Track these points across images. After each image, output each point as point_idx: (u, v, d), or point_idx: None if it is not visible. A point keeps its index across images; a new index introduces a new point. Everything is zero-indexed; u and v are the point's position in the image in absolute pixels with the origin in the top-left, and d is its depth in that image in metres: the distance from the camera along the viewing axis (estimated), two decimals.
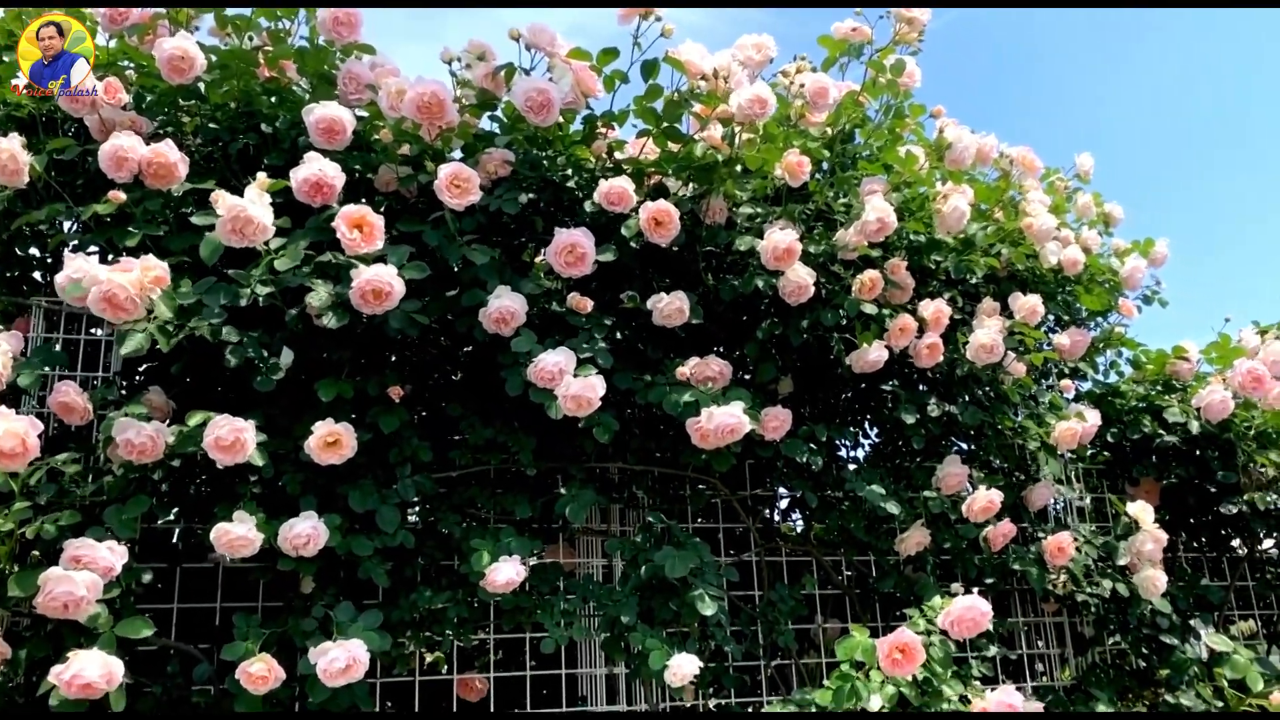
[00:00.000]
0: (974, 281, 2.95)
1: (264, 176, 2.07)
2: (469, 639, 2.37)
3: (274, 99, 2.42)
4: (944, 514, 2.82)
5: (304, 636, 2.03)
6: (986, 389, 3.00)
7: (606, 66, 2.42)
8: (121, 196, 2.09)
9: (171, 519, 2.37)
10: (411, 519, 2.40)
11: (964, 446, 3.12)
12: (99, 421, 2.18)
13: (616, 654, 2.34)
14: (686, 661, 2.17)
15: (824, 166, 2.75)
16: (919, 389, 2.88)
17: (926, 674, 2.33)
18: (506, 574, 2.11)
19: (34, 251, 2.51)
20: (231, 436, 1.94)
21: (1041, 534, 3.01)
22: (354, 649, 1.96)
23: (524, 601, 2.32)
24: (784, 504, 3.29)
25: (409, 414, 2.30)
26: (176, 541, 2.43)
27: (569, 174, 2.51)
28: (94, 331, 2.47)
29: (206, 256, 2.03)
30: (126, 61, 2.40)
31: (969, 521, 2.78)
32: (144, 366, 2.48)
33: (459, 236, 2.25)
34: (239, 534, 1.95)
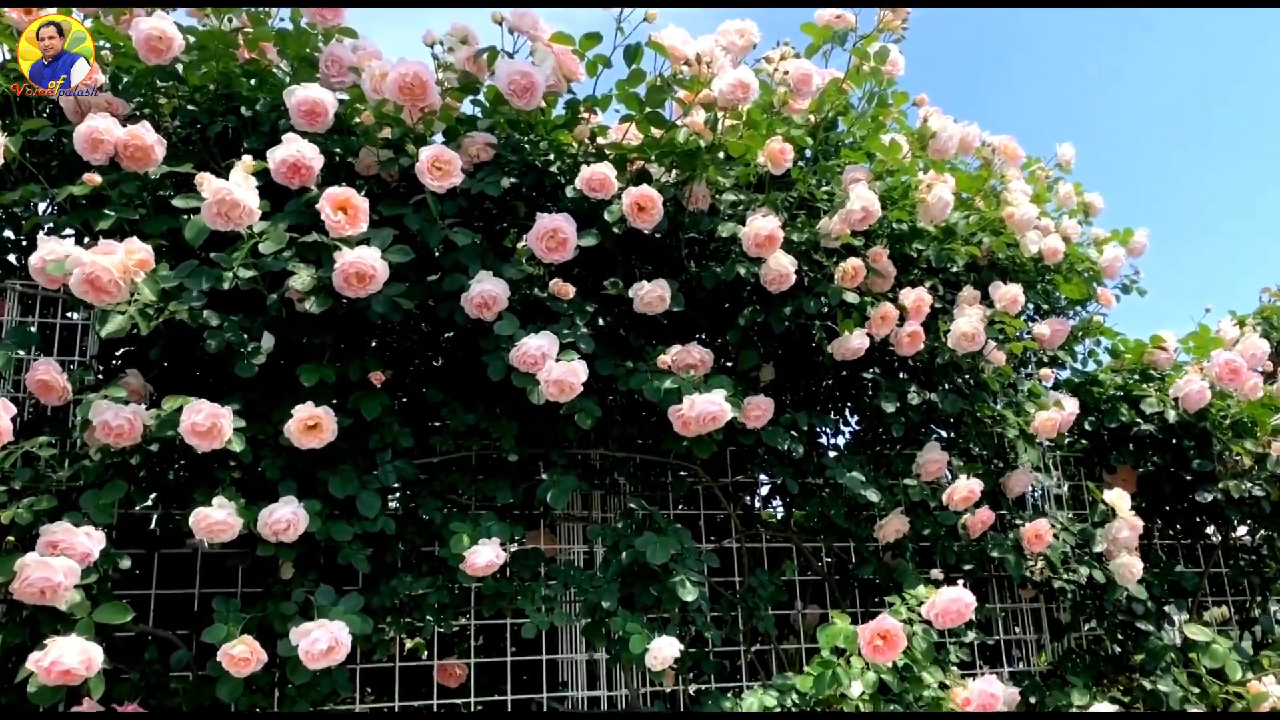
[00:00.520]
0: (955, 270, 2.97)
1: (249, 159, 2.05)
2: (449, 625, 2.37)
3: (254, 81, 2.40)
4: (923, 501, 2.83)
5: (284, 621, 2.02)
6: (966, 377, 3.02)
7: (589, 51, 2.41)
8: (97, 179, 2.06)
9: (150, 504, 2.35)
10: (392, 505, 2.40)
11: (944, 434, 3.14)
12: (75, 406, 2.16)
13: (597, 639, 2.35)
14: (667, 645, 2.18)
15: (807, 154, 2.75)
16: (899, 377, 2.89)
17: (907, 660, 2.35)
18: (486, 557, 2.11)
19: (8, 234, 2.47)
20: (209, 422, 1.93)
21: (1019, 521, 3.03)
22: (336, 631, 1.95)
23: (505, 587, 2.32)
24: (765, 491, 3.30)
25: (390, 399, 2.29)
26: (154, 527, 2.41)
27: (551, 158, 2.50)
28: (70, 316, 2.44)
29: (192, 239, 2.01)
30: (103, 41, 2.37)
31: (948, 509, 2.80)
32: (121, 350, 2.46)
33: (440, 220, 2.24)
34: (218, 519, 1.94)
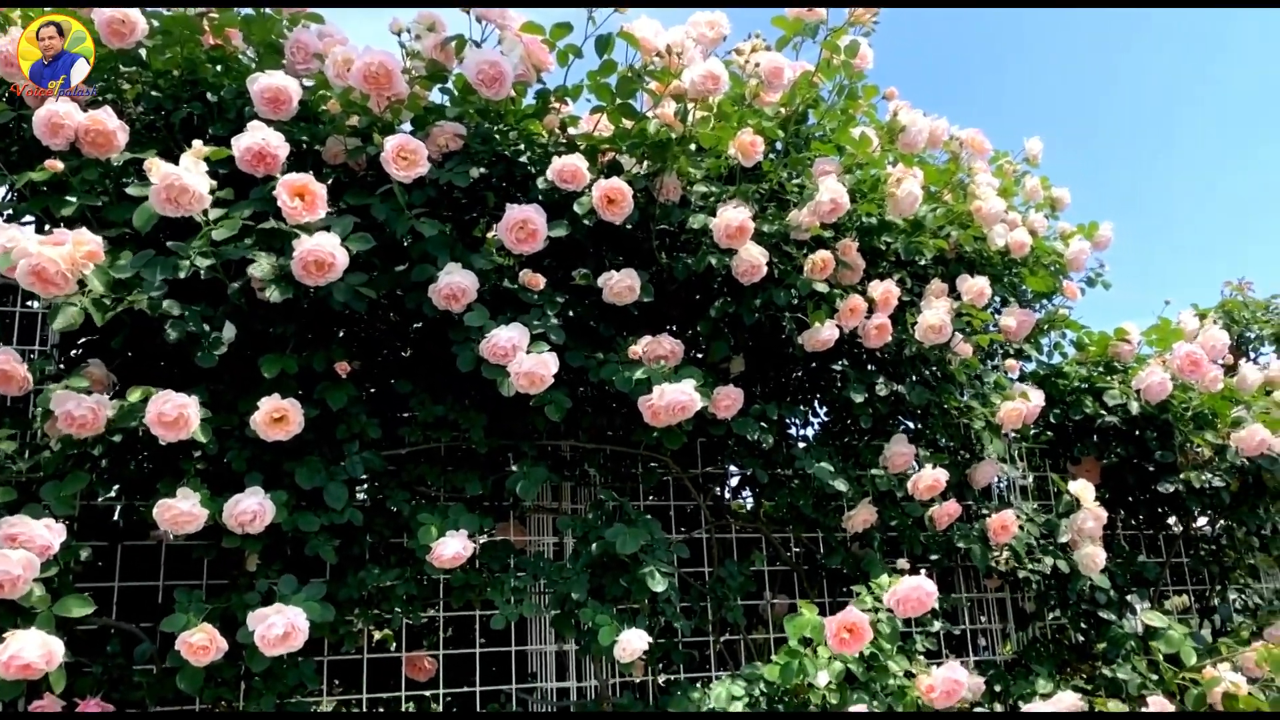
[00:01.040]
0: (923, 263, 2.99)
1: (200, 144, 2.02)
2: (418, 616, 2.36)
3: (219, 67, 2.37)
4: (891, 492, 2.86)
5: (247, 610, 2.00)
6: (933, 369, 3.04)
7: (560, 41, 2.40)
8: (58, 165, 2.03)
9: (113, 496, 2.33)
10: (360, 496, 2.38)
11: (911, 425, 3.16)
12: (35, 396, 2.13)
13: (567, 630, 2.35)
14: (635, 637, 2.18)
15: (778, 146, 2.75)
16: (868, 369, 2.91)
17: (873, 650, 2.37)
18: (453, 548, 2.10)
19: None
20: (175, 412, 1.90)
21: (985, 512, 3.06)
22: (293, 616, 1.94)
23: (474, 579, 2.32)
24: (735, 482, 3.32)
25: (357, 390, 2.27)
26: (117, 519, 2.38)
27: (521, 148, 2.49)
28: (30, 304, 2.41)
29: (140, 226, 1.98)
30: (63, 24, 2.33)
31: (915, 499, 2.82)
32: (83, 340, 2.42)
33: (408, 210, 2.22)
34: (183, 510, 1.92)
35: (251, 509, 1.99)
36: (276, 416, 2.04)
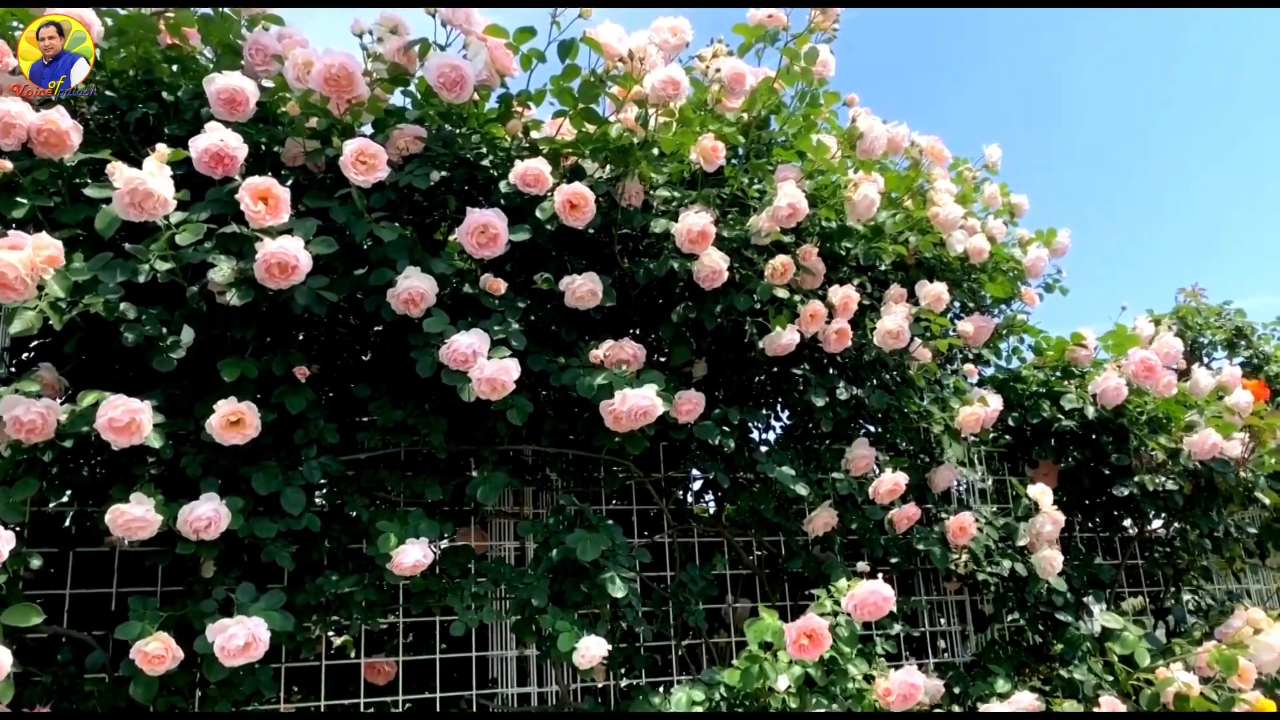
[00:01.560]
0: (883, 268, 3.01)
1: (164, 147, 2.00)
2: (376, 623, 2.34)
3: (175, 67, 2.34)
4: (851, 495, 2.87)
5: (203, 619, 1.97)
6: (893, 373, 3.07)
7: (523, 45, 2.40)
8: (8, 165, 1.99)
9: (64, 502, 2.29)
10: (318, 502, 2.35)
11: (871, 429, 3.18)
12: None
13: (527, 636, 2.34)
14: (595, 643, 2.18)
15: (740, 152, 2.77)
16: (829, 373, 2.93)
17: (833, 653, 2.38)
18: (414, 556, 2.09)
19: None
20: (126, 417, 1.87)
21: (945, 515, 3.09)
22: (254, 626, 1.92)
23: (434, 585, 2.31)
24: (697, 486, 3.32)
25: (316, 394, 2.25)
26: (69, 525, 2.34)
27: (484, 152, 2.48)
28: None
29: (102, 230, 1.95)
30: (16, 23, 2.29)
31: (875, 503, 2.84)
32: (35, 343, 2.38)
33: (367, 213, 2.21)
34: (136, 515, 1.89)
35: (207, 515, 1.96)
36: (233, 420, 2.01)
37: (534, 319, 2.43)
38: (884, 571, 2.98)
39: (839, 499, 2.87)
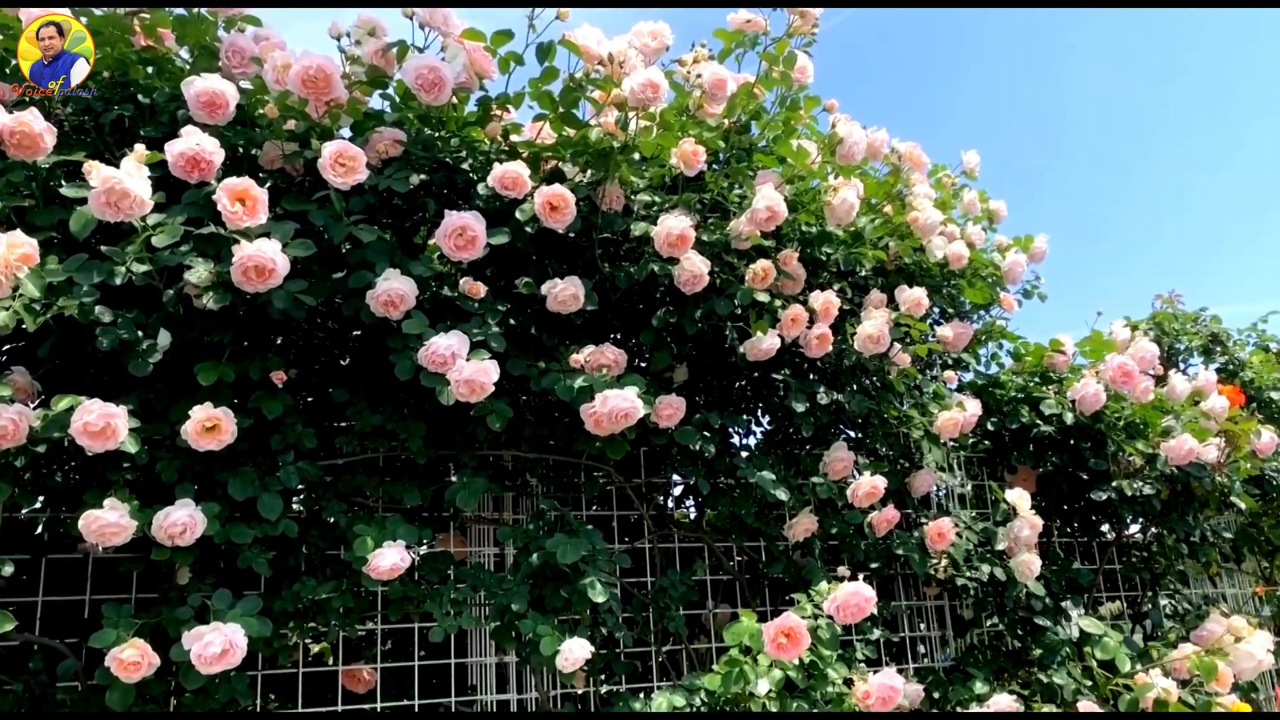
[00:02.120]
0: (863, 274, 3.02)
1: (141, 148, 1.98)
2: (354, 629, 2.32)
3: (151, 69, 2.32)
4: (831, 500, 2.88)
5: (179, 625, 1.95)
6: (873, 379, 3.07)
7: (501, 48, 2.40)
8: None
9: (37, 508, 2.26)
10: (295, 508, 2.33)
11: (851, 434, 3.19)
12: None
13: (507, 642, 2.32)
14: (577, 646, 2.17)
15: (720, 157, 2.77)
16: (809, 378, 2.93)
17: (813, 657, 2.38)
18: (390, 560, 2.07)
19: None
20: (102, 422, 1.85)
21: (924, 520, 3.10)
22: (231, 634, 1.89)
23: (412, 590, 2.28)
24: (678, 491, 3.31)
25: (293, 399, 2.23)
26: (42, 531, 2.31)
27: (463, 155, 2.47)
28: None
29: (77, 231, 1.93)
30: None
31: (855, 508, 2.84)
32: (7, 346, 2.35)
33: (346, 216, 2.19)
34: (109, 521, 1.87)
35: (182, 521, 1.94)
36: (209, 426, 1.99)
37: (514, 323, 2.42)
38: (864, 576, 2.98)
39: (819, 504, 2.87)
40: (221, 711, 2.11)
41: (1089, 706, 2.79)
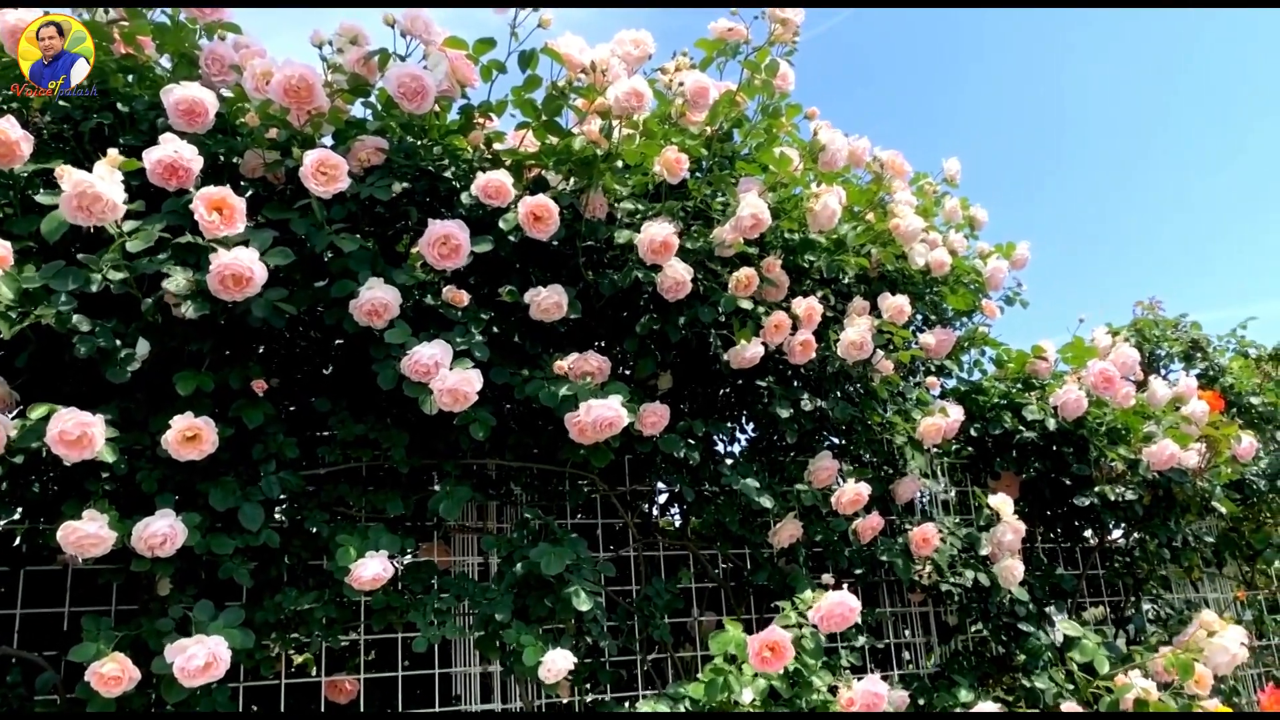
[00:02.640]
0: (846, 281, 3.03)
1: (114, 152, 1.96)
2: (337, 640, 2.30)
3: (131, 77, 2.30)
4: (815, 507, 2.88)
5: (160, 638, 1.93)
6: (857, 385, 3.08)
7: (483, 56, 2.39)
8: None
9: (15, 519, 2.23)
10: (277, 518, 2.32)
11: (835, 441, 3.20)
12: None
13: (491, 652, 2.31)
14: (560, 657, 2.16)
15: (703, 165, 2.78)
16: (793, 385, 2.94)
17: (798, 665, 2.38)
18: (373, 570, 2.06)
19: None
20: (78, 431, 1.83)
21: (908, 526, 3.11)
22: (214, 646, 1.87)
23: (395, 600, 2.27)
24: (662, 499, 3.31)
25: (275, 408, 2.22)
26: (20, 543, 2.29)
27: (445, 164, 2.47)
28: None
29: (49, 234, 1.91)
30: None
31: (839, 514, 2.84)
32: None
33: (328, 225, 2.18)
34: (89, 532, 1.84)
35: (162, 531, 1.92)
36: (189, 435, 1.98)
37: (498, 332, 2.41)
38: (849, 583, 2.98)
39: (804, 511, 2.87)
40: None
41: (1071, 708, 2.80)
